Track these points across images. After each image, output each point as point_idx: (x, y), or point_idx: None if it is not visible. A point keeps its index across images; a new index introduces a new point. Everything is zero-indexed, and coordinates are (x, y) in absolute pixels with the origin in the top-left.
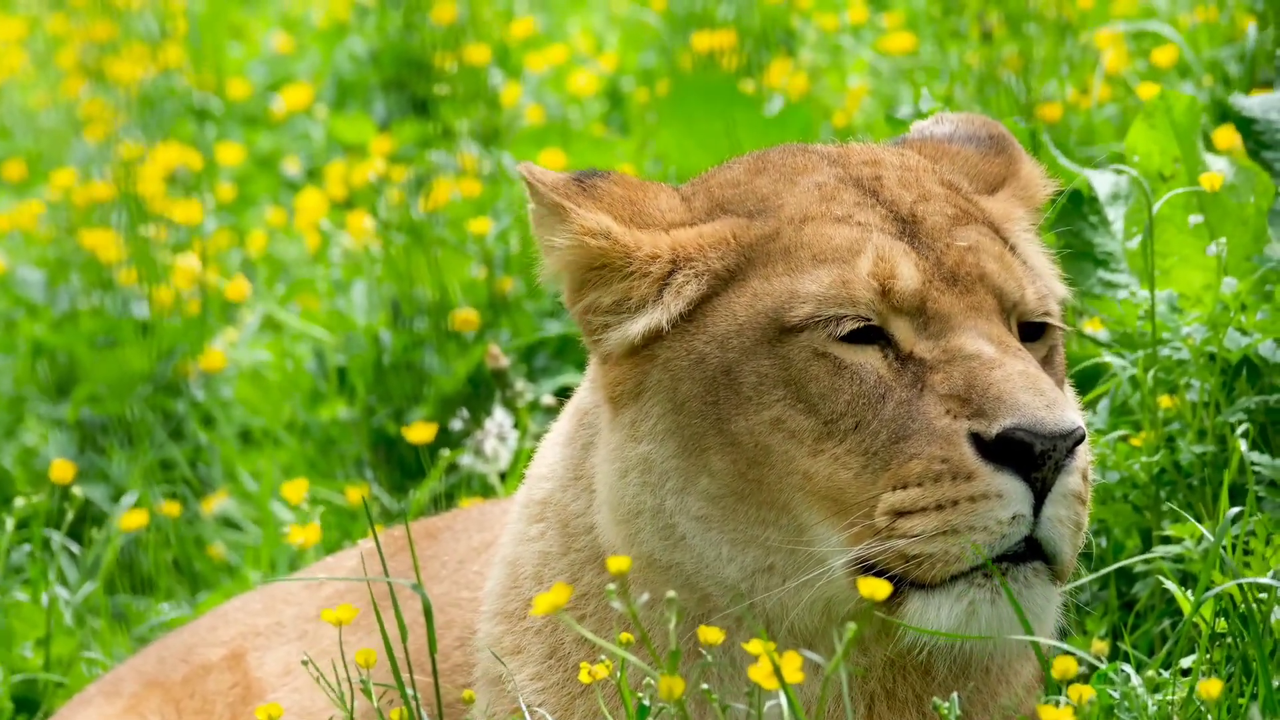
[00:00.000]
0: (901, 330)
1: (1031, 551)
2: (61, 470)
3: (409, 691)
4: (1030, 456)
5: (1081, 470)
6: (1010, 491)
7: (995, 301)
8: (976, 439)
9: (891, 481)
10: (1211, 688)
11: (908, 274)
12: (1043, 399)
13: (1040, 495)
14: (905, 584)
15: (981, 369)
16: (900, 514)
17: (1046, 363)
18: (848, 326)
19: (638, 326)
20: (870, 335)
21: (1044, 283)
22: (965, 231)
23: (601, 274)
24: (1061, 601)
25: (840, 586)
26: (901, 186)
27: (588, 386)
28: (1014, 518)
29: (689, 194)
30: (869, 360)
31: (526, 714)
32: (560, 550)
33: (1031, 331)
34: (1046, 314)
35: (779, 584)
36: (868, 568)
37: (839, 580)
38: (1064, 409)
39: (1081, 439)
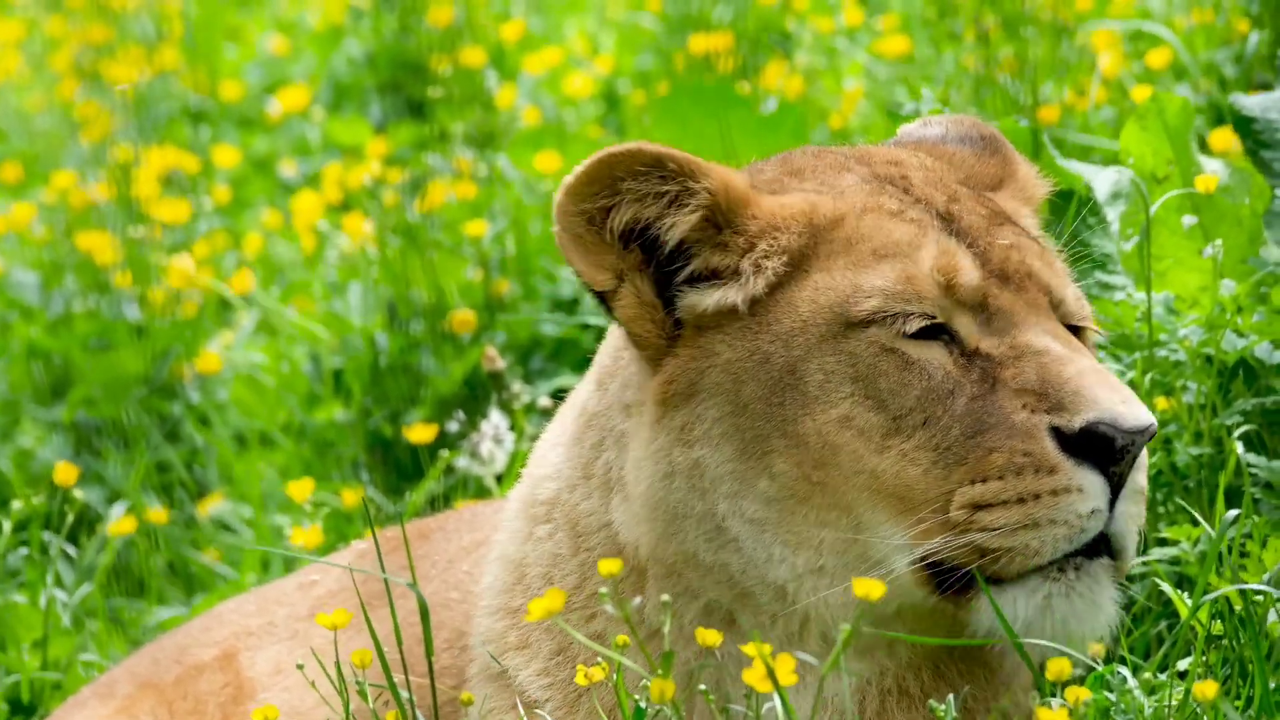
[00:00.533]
0: (964, 326)
1: (1101, 547)
2: (64, 473)
3: (404, 694)
4: (1111, 451)
5: (1145, 468)
6: (1090, 486)
7: (1046, 299)
8: (1057, 433)
9: (969, 475)
10: (1207, 689)
11: (969, 269)
12: (1119, 394)
13: (1115, 490)
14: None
15: (1054, 364)
16: (979, 507)
17: None
18: (915, 324)
19: (717, 300)
20: (934, 331)
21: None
22: (1003, 230)
23: (714, 236)
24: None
25: (903, 585)
26: (930, 186)
27: (592, 388)
28: (1092, 512)
29: (774, 168)
30: (935, 356)
31: (523, 710)
32: (570, 551)
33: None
34: (1085, 318)
35: (827, 585)
36: (934, 565)
37: (902, 578)
38: (1139, 404)
39: (1154, 435)
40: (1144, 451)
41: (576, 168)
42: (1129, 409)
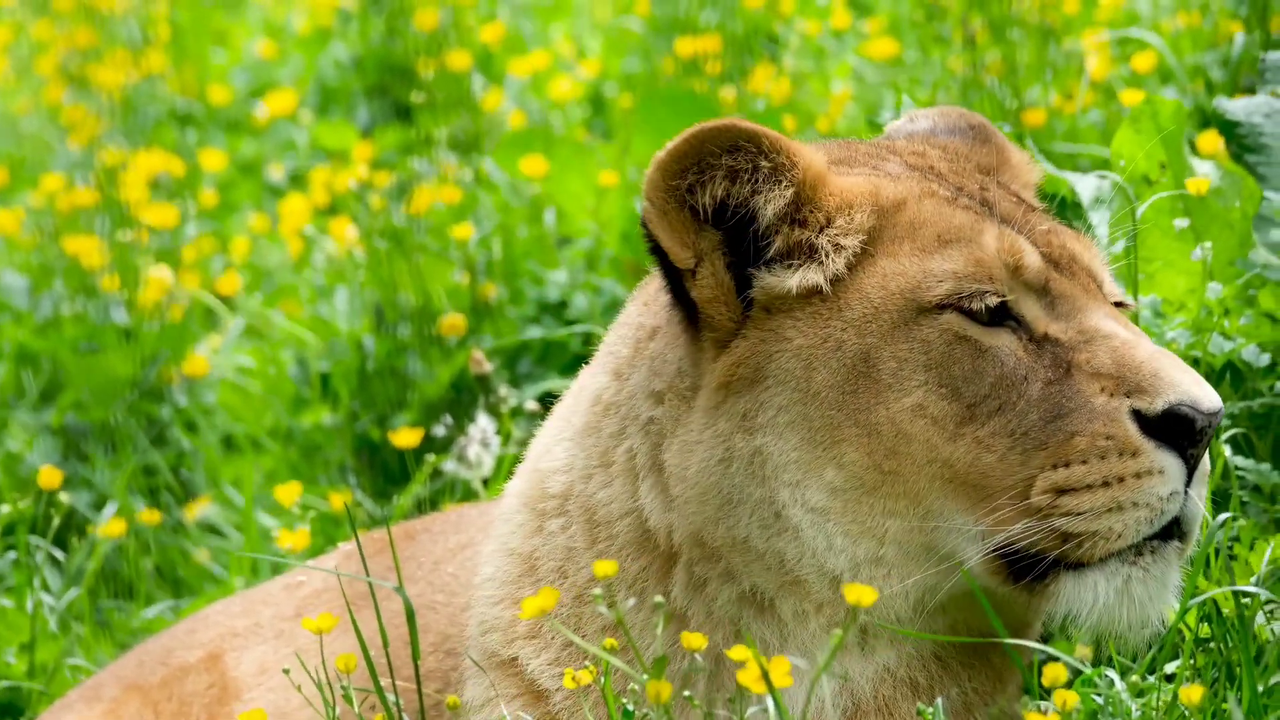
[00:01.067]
0: (1031, 310)
1: (1172, 530)
2: (49, 477)
3: (389, 697)
4: (1191, 432)
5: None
6: (1171, 468)
7: (1095, 285)
8: (1138, 416)
9: (1050, 460)
10: (1192, 694)
11: (1031, 252)
12: (1191, 375)
13: (1190, 473)
14: (1057, 565)
15: (1125, 348)
16: (1063, 492)
17: None
18: (990, 300)
19: (799, 280)
20: (1001, 317)
21: None
22: (1036, 215)
23: (798, 214)
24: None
25: (975, 574)
26: (958, 175)
27: (608, 379)
28: (1172, 494)
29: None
30: (1006, 343)
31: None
32: (586, 544)
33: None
34: (1122, 295)
35: (883, 575)
36: (1008, 554)
37: (974, 568)
38: (1209, 386)
39: (1223, 417)
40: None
41: (669, 143)
42: (1203, 390)
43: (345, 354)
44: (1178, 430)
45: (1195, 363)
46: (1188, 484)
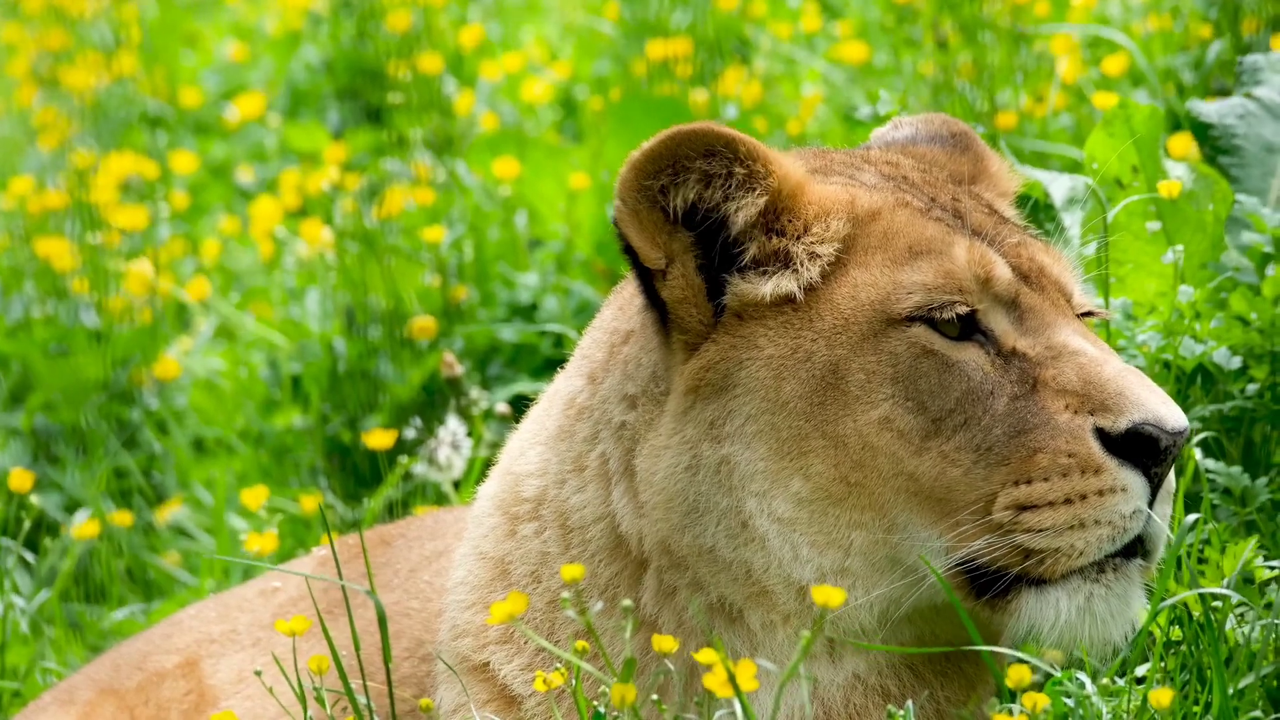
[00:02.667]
0: (1000, 324)
1: (1135, 548)
2: (20, 479)
3: (361, 700)
4: (1155, 451)
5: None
6: (1134, 486)
7: (1065, 300)
8: (1101, 434)
9: (1013, 476)
10: (1162, 697)
11: (1002, 265)
12: (1158, 395)
13: (1153, 491)
14: (1018, 581)
15: (1092, 365)
16: (1025, 508)
17: None
18: (959, 310)
19: (767, 288)
20: (969, 331)
21: None
22: (1007, 228)
23: (773, 222)
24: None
25: (938, 588)
26: (931, 186)
27: (582, 382)
28: (1134, 512)
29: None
30: (973, 357)
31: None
32: (560, 549)
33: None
34: (1092, 306)
35: (849, 585)
36: (971, 569)
37: (937, 583)
38: (1176, 405)
39: (1189, 437)
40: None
41: (645, 143)
42: (1169, 410)
43: (316, 356)
44: (1141, 449)
45: (1166, 366)
46: (1151, 502)
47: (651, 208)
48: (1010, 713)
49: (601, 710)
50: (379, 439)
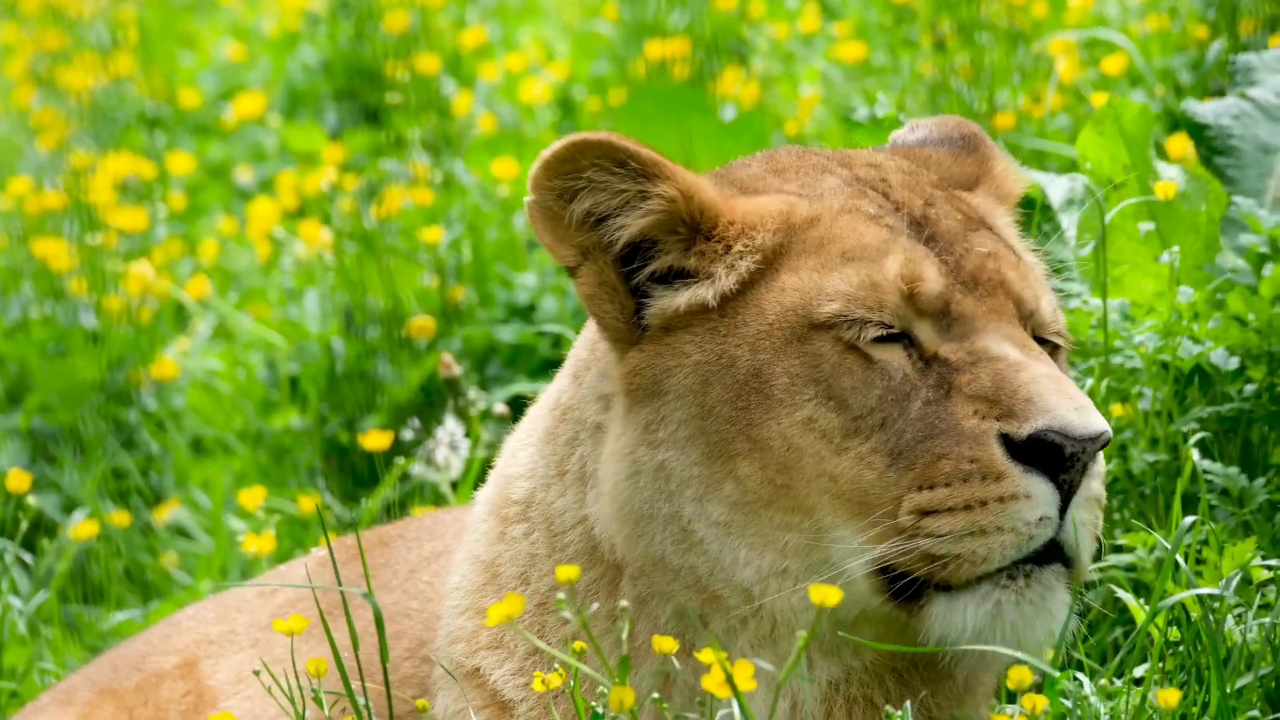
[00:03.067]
0: (925, 332)
1: (1053, 554)
2: (17, 480)
3: (360, 700)
4: (1060, 458)
5: (1101, 475)
6: (1038, 493)
7: (1014, 308)
8: (1006, 440)
9: (917, 481)
10: (1169, 697)
11: (933, 277)
12: (1071, 401)
13: (1066, 498)
14: (929, 586)
15: (1009, 370)
16: (927, 513)
17: None
18: (872, 332)
19: (687, 298)
20: (895, 336)
21: (1052, 295)
22: (979, 237)
23: (679, 239)
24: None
25: (859, 590)
26: (908, 190)
27: (567, 381)
28: (1041, 519)
29: (751, 168)
30: (895, 358)
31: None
32: (547, 551)
33: (1041, 346)
34: (1059, 333)
35: (791, 586)
36: (888, 571)
37: (857, 583)
38: (1092, 412)
39: (1108, 443)
40: (1099, 459)
41: (555, 143)
42: (1080, 416)
43: (314, 356)
44: (1045, 456)
45: (1164, 366)
46: (1064, 508)
47: (558, 204)
48: (1008, 714)
49: (600, 711)
50: (377, 439)
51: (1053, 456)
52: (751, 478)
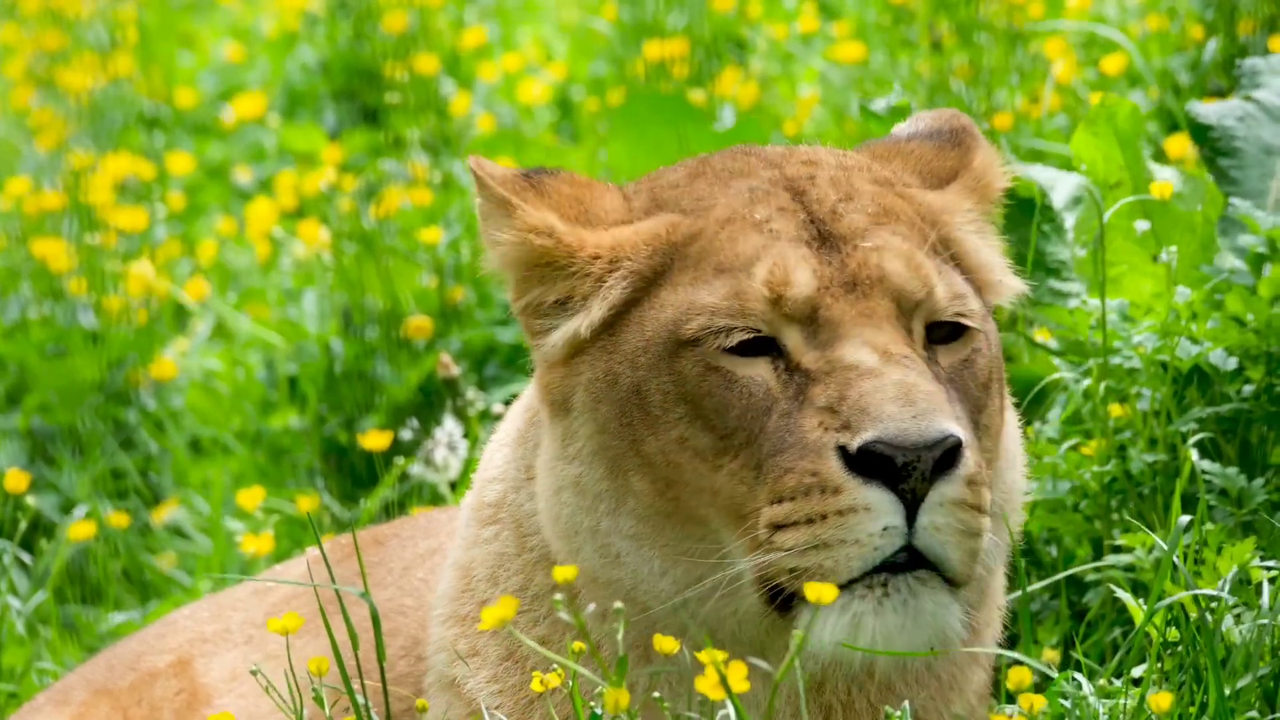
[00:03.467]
0: (793, 340)
1: (917, 560)
2: (15, 480)
3: (360, 699)
4: (893, 469)
5: (967, 476)
6: (878, 504)
7: (892, 305)
8: (844, 452)
9: (769, 495)
10: (1161, 700)
11: (802, 281)
12: (911, 409)
13: (913, 506)
14: (796, 598)
15: (855, 379)
16: (779, 527)
17: (967, 365)
18: (736, 338)
19: (565, 331)
20: (762, 346)
21: (964, 280)
22: (880, 231)
23: (545, 272)
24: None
25: (748, 600)
26: (831, 186)
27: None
28: (884, 530)
29: (632, 193)
30: (759, 373)
31: (487, 715)
32: (515, 551)
33: (950, 332)
34: (960, 314)
35: (707, 595)
36: (767, 581)
37: (745, 593)
38: (933, 418)
39: (953, 447)
40: (965, 460)
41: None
42: (915, 424)
43: (313, 357)
44: (881, 467)
45: (1163, 367)
46: (913, 516)
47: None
48: (1007, 714)
49: (598, 711)
50: (376, 440)
51: (885, 468)
52: (645, 492)
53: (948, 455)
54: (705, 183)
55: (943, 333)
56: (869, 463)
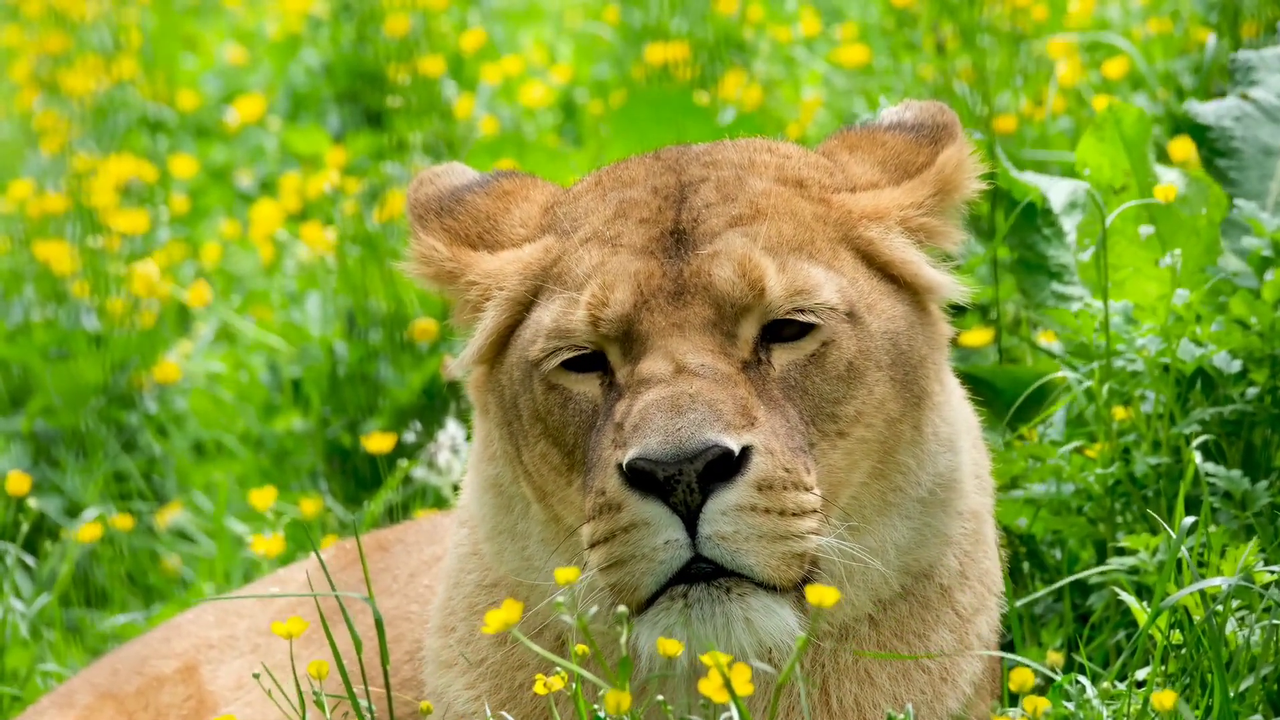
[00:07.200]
0: (614, 355)
1: (722, 569)
2: (19, 482)
3: (363, 704)
4: (656, 484)
5: (759, 481)
6: (655, 519)
7: (712, 311)
8: (620, 469)
9: (585, 514)
10: (1165, 699)
11: (617, 300)
12: (677, 421)
13: (690, 518)
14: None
15: (641, 394)
16: (592, 545)
17: (815, 361)
18: (563, 356)
19: (470, 347)
20: (596, 362)
21: (833, 275)
22: (729, 235)
23: (448, 291)
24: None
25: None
26: (716, 189)
27: None
28: (667, 543)
29: (556, 200)
30: (589, 389)
31: None
32: (472, 550)
33: (798, 330)
34: (799, 310)
35: (614, 596)
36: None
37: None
38: (698, 430)
39: (720, 456)
40: (757, 465)
41: None
42: (673, 438)
43: (317, 359)
44: (647, 482)
45: (1166, 369)
46: (694, 528)
47: None
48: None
49: (597, 708)
50: (379, 442)
51: (650, 483)
52: (535, 499)
53: (718, 465)
54: (592, 197)
55: (793, 330)
56: (638, 479)
